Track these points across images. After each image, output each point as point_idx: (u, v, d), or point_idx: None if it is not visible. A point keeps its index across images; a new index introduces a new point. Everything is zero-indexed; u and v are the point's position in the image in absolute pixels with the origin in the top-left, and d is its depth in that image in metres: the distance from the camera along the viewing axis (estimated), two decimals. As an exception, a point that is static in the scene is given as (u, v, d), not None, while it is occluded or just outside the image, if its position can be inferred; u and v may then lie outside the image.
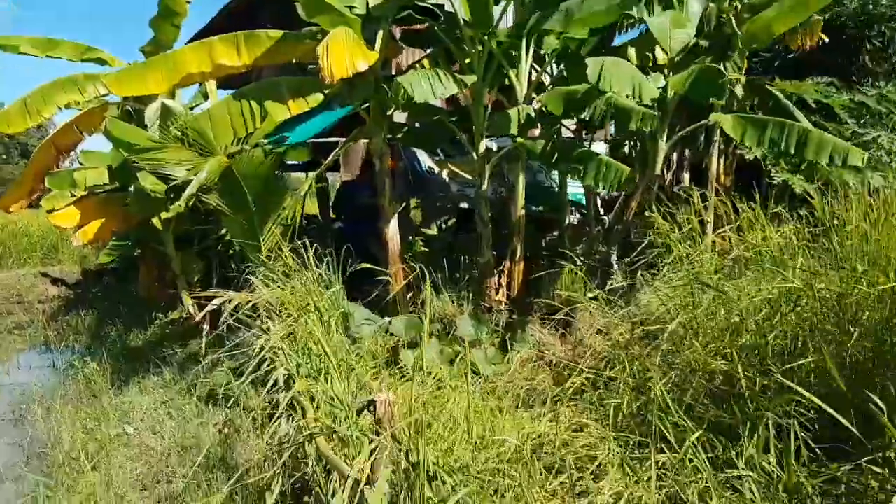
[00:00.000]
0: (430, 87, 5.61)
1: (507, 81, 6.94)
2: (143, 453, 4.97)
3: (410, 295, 7.04)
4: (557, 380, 5.51)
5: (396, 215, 7.71)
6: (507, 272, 6.99)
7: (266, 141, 7.77)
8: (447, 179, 10.13)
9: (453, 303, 6.73)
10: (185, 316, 8.49)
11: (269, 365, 5.03)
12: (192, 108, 9.55)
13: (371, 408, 3.02)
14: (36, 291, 15.54)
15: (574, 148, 6.24)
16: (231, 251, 8.65)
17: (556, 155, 6.34)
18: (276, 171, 6.09)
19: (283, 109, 6.19)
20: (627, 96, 5.73)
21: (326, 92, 6.39)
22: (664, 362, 4.68)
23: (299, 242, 6.00)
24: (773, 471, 3.55)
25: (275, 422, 3.96)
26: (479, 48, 6.63)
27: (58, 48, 9.77)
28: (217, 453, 4.64)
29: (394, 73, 7.74)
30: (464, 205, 9.84)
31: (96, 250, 15.30)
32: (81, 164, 9.84)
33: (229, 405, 5.05)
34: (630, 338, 5.27)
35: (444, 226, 9.47)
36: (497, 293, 6.93)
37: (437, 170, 10.23)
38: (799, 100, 8.37)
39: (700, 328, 4.74)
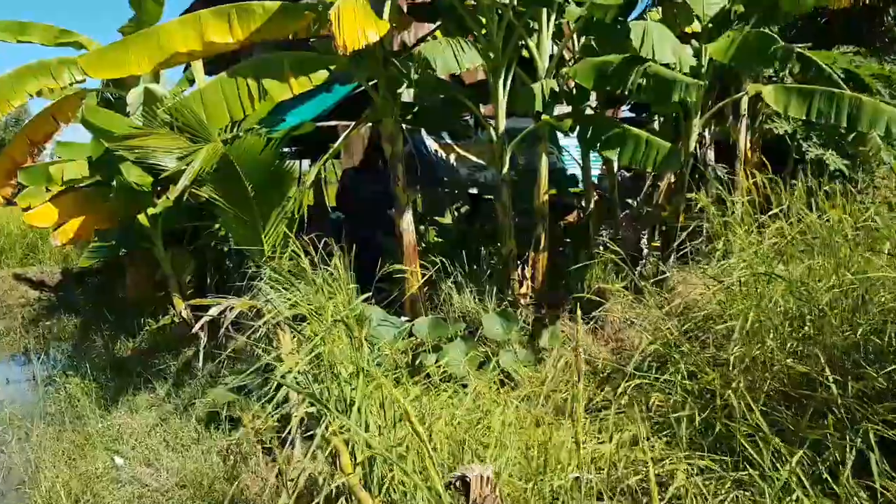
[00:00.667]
0: (455, 57, 4.98)
1: (525, 55, 6.33)
2: (135, 492, 4.31)
3: (426, 289, 6.44)
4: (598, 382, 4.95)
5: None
6: (531, 263, 6.41)
7: (259, 126, 7.13)
8: (454, 164, 9.52)
9: (475, 299, 6.14)
10: (176, 321, 7.83)
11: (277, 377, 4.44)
12: (176, 96, 8.84)
13: (459, 485, 2.28)
14: (15, 294, 14.75)
15: (609, 124, 5.64)
16: (227, 248, 7.99)
17: (587, 132, 5.75)
18: (279, 159, 5.42)
19: (284, 88, 5.52)
20: (671, 66, 5.15)
21: (332, 68, 5.74)
22: (728, 363, 4.13)
23: (306, 238, 5.38)
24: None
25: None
26: (496, 17, 6.01)
27: (29, 31, 9.03)
28: (223, 490, 4.02)
29: (396, 48, 7.10)
30: (473, 191, 9.23)
31: (79, 249, 14.55)
32: (59, 157, 9.09)
33: (233, 427, 4.42)
34: (679, 334, 4.71)
35: (456, 214, 8.85)
36: (521, 286, 6.34)
37: (443, 154, 9.62)
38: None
39: (770, 323, 4.18)
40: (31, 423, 6.11)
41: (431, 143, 9.56)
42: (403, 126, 7.94)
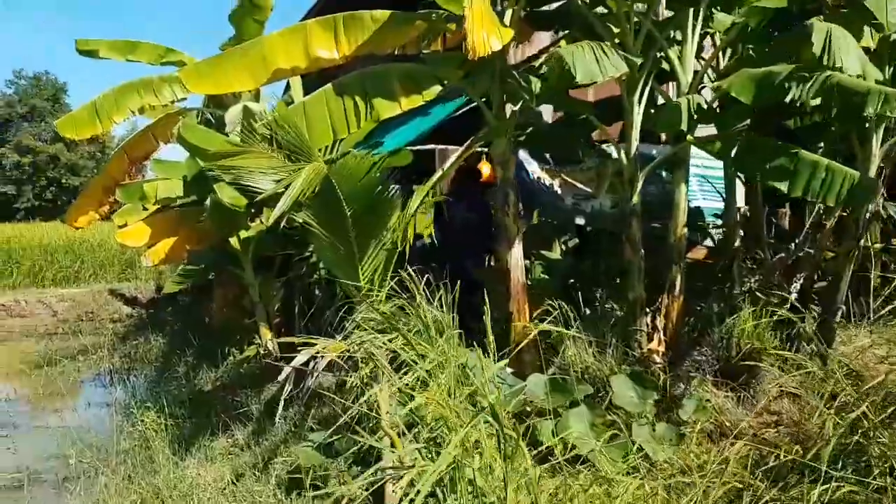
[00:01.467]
0: (598, 63, 4.23)
1: (666, 67, 5.51)
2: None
3: (526, 332, 5.64)
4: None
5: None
6: (663, 311, 5.49)
7: (357, 150, 6.60)
8: (558, 191, 8.70)
9: (595, 352, 5.28)
10: (261, 352, 7.34)
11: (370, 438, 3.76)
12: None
13: None
14: (109, 310, 14.99)
15: (775, 148, 4.70)
16: (318, 278, 7.47)
17: (744, 157, 4.86)
18: (383, 184, 4.79)
19: (392, 105, 4.92)
20: (858, 76, 4.21)
21: (445, 83, 5.11)
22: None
23: (406, 273, 4.73)
24: None
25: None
26: (633, 26, 5.24)
27: (137, 51, 8.92)
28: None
29: (513, 62, 6.42)
30: (580, 221, 8.38)
31: (171, 269, 14.63)
32: (155, 174, 8.90)
33: (318, 499, 3.72)
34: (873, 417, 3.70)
35: (563, 247, 8.00)
36: (651, 339, 5.43)
37: (546, 179, 8.82)
38: None
39: None
40: (104, 457, 5.73)
41: (534, 168, 8.79)
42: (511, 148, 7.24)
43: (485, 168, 7.62)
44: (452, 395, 4.14)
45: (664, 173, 7.89)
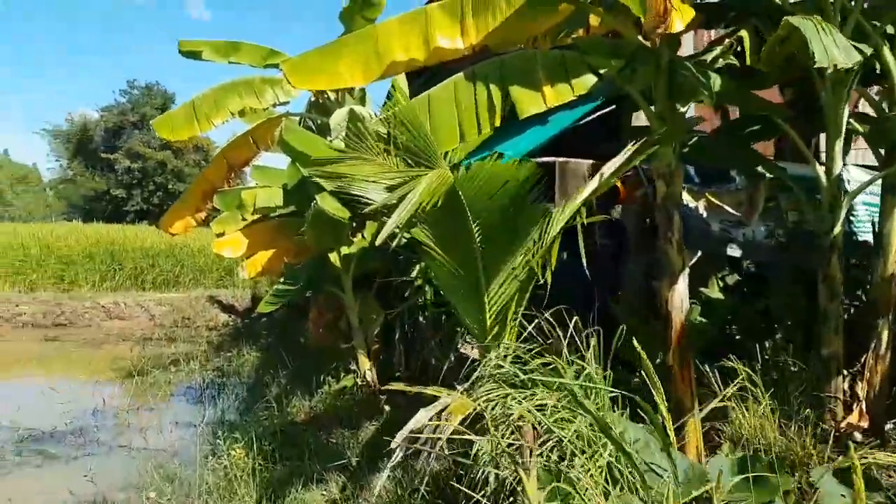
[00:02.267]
0: (835, 45, 3.15)
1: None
2: None
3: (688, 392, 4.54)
4: None
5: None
6: (865, 375, 4.29)
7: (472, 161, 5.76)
8: (704, 215, 7.50)
9: (776, 422, 4.14)
10: (359, 382, 6.57)
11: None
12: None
13: None
14: (205, 317, 14.82)
15: None
16: (423, 301, 6.65)
17: None
18: (524, 198, 3.85)
19: (535, 98, 4.00)
20: None
21: (602, 72, 4.15)
22: None
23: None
24: None
25: None
26: (839, 18, 4.11)
27: (239, 52, 8.44)
28: None
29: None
30: (733, 252, 7.16)
31: (269, 279, 14.30)
32: (254, 182, 8.38)
33: None
34: None
35: (721, 283, 6.80)
36: (850, 410, 4.24)
37: (690, 202, 7.64)
38: None
39: None
40: (184, 492, 5.11)
41: (678, 189, 7.63)
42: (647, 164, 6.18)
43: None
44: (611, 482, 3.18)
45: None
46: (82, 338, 13.05)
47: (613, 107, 7.96)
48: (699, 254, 6.64)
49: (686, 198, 7.85)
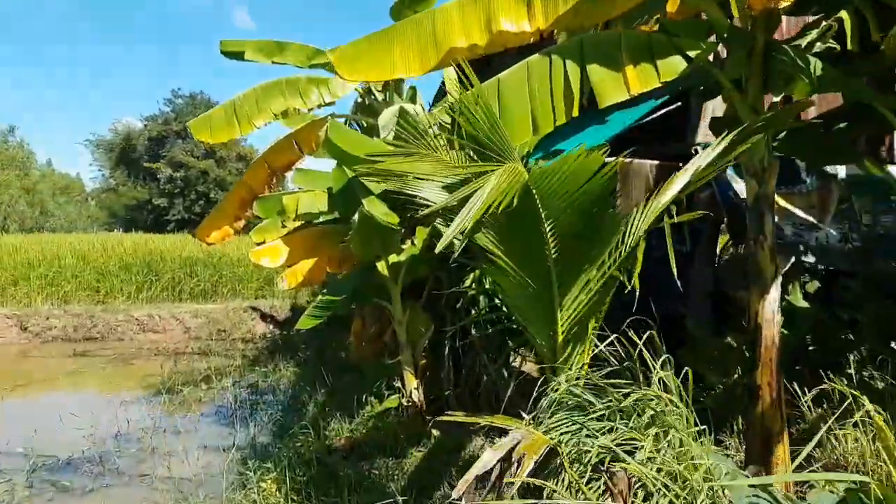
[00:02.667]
0: None
1: None
2: None
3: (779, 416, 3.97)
4: None
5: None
6: None
7: (532, 160, 5.28)
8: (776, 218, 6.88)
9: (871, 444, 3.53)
10: (405, 404, 6.06)
11: None
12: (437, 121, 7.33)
13: None
14: (242, 328, 14.48)
15: None
16: (478, 312, 6.13)
17: None
18: (607, 198, 3.31)
19: (617, 84, 3.46)
20: None
21: (692, 55, 3.60)
22: None
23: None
24: None
25: None
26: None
27: (285, 52, 8.06)
28: None
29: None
30: (807, 258, 6.56)
31: (310, 293, 13.91)
32: (297, 187, 7.98)
33: None
34: None
35: (802, 290, 6.19)
36: None
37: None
38: None
39: None
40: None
41: (741, 187, 7.04)
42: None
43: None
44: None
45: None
46: (113, 353, 12.77)
47: (678, 104, 7.42)
48: (792, 260, 6.07)
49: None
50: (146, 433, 7.54)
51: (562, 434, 3.06)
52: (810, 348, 5.55)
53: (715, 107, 7.43)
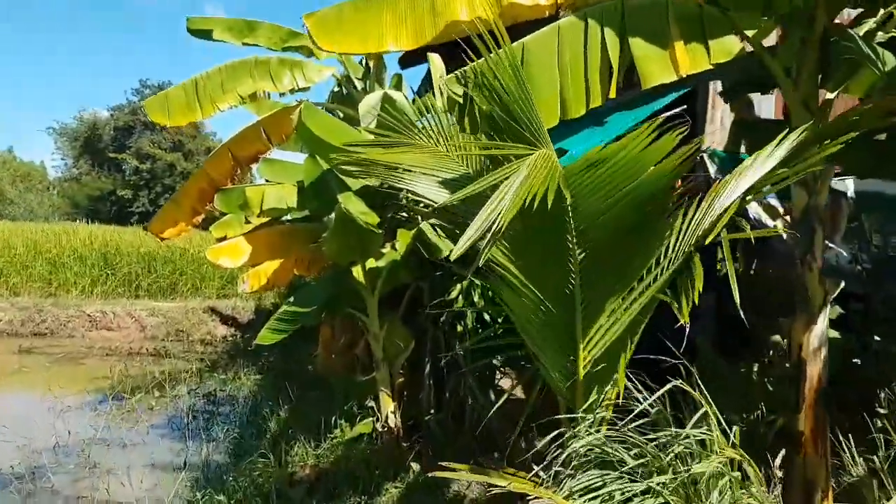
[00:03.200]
0: None
1: None
2: None
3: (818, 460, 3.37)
4: None
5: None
6: None
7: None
8: (784, 236, 6.33)
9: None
10: (379, 430, 5.33)
11: None
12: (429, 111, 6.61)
13: None
14: (202, 329, 13.58)
15: None
16: (465, 328, 5.44)
17: None
18: (662, 199, 2.62)
19: (663, 62, 2.79)
20: None
21: (750, 35, 2.96)
22: None
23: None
24: None
25: None
26: None
27: (256, 32, 7.29)
28: None
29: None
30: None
31: (277, 294, 13.07)
32: (262, 179, 7.20)
33: None
34: None
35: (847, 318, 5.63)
36: None
37: (768, 220, 6.52)
38: None
39: None
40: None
41: (752, 205, 6.49)
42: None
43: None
44: None
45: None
46: (61, 351, 11.77)
47: (684, 106, 6.83)
48: (842, 285, 5.48)
49: (763, 216, 6.75)
50: (88, 446, 6.71)
51: (589, 501, 2.39)
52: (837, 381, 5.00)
53: (724, 112, 6.86)
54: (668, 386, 2.70)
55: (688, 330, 2.54)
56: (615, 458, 2.58)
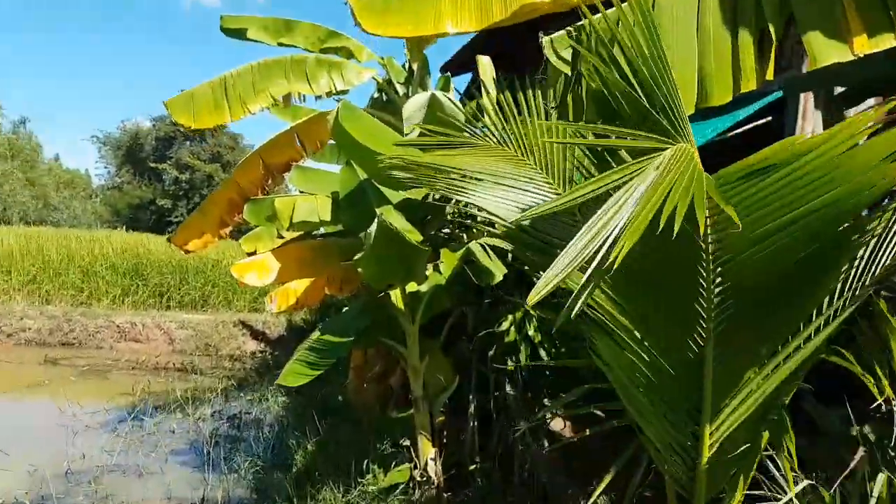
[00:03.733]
0: None
1: None
2: None
3: None
4: None
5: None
6: None
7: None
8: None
9: None
10: (417, 480, 4.64)
11: None
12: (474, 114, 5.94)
13: None
14: (231, 344, 13.07)
15: None
16: (517, 364, 4.72)
17: None
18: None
19: (834, 42, 2.09)
20: None
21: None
22: None
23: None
24: None
25: None
26: None
27: (293, 32, 6.73)
28: None
29: None
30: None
31: (310, 310, 12.50)
32: (294, 189, 6.63)
33: None
34: None
35: None
36: None
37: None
38: None
39: None
40: None
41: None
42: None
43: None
44: None
45: None
46: (87, 363, 11.36)
47: (768, 118, 6.03)
48: None
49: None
50: (101, 474, 6.16)
51: None
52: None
53: (815, 127, 6.03)
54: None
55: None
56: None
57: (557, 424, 6.15)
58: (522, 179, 2.53)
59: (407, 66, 7.23)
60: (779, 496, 2.41)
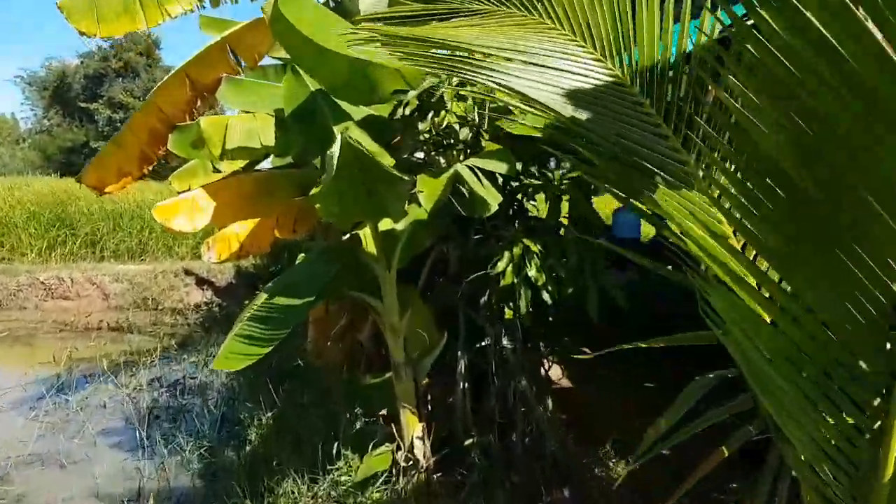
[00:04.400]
0: None
1: None
2: None
3: None
4: None
5: None
6: None
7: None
8: None
9: None
10: (402, 464, 3.76)
11: None
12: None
13: None
14: (173, 296, 11.88)
15: None
16: (516, 312, 3.83)
17: None
18: None
19: None
20: None
21: None
22: None
23: None
24: None
25: None
26: None
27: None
28: None
29: None
30: None
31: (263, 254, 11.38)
32: (227, 107, 5.47)
33: None
34: None
35: None
36: None
37: None
38: None
39: None
40: None
41: None
42: None
43: None
44: None
45: None
46: (8, 326, 10.04)
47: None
48: None
49: None
50: (13, 467, 5.14)
51: None
52: None
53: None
54: None
55: None
56: None
57: (555, 374, 5.35)
58: (557, 55, 1.58)
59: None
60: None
